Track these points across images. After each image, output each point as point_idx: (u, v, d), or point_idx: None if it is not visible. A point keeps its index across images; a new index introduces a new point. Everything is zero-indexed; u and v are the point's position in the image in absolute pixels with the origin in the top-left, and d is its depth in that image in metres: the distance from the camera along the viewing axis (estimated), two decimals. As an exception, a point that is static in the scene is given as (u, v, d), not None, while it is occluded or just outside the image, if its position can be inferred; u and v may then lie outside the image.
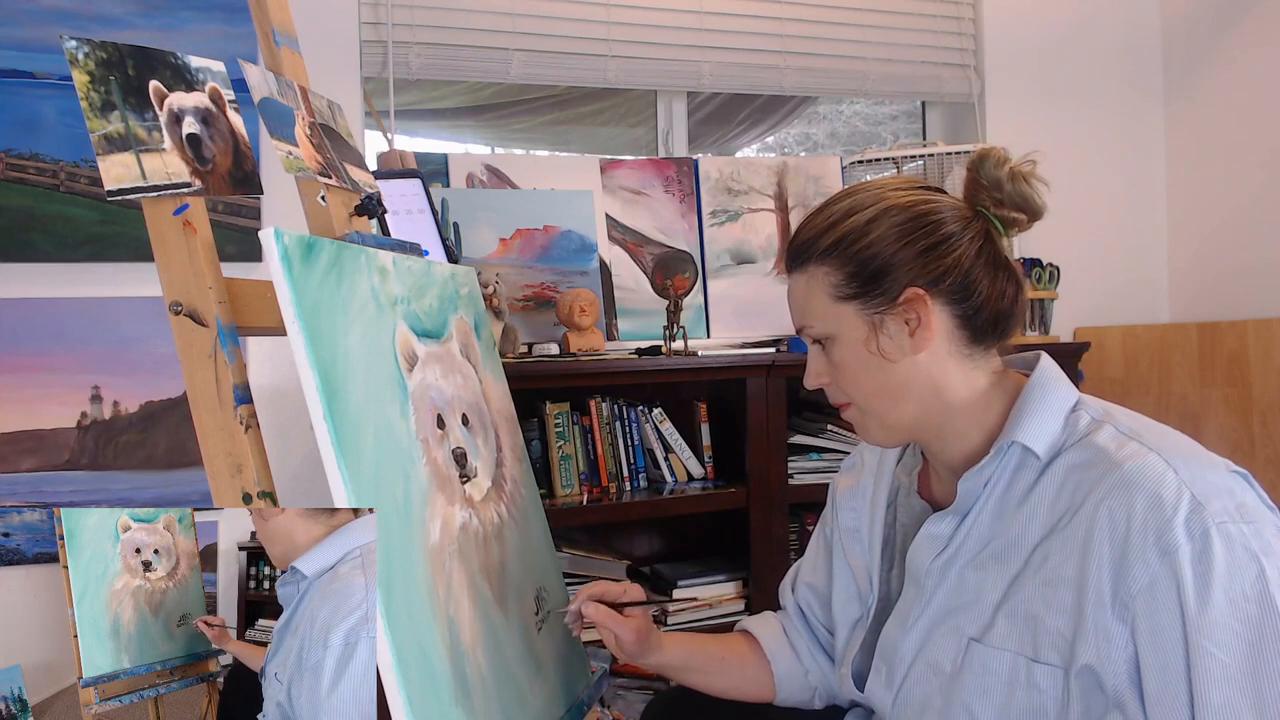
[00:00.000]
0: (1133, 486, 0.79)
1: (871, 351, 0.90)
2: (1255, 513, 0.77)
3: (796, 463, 1.99)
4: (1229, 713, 0.72)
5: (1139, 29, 2.67)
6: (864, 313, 0.90)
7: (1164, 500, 0.77)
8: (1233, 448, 2.27)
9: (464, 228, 1.98)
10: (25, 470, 1.80)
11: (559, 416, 1.90)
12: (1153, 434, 0.84)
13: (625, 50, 2.24)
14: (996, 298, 0.90)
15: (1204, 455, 0.83)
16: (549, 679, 1.11)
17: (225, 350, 0.88)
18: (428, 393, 1.02)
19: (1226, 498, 0.77)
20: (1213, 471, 0.80)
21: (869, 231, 0.90)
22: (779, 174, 2.28)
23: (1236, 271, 2.47)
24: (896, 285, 0.89)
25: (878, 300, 0.89)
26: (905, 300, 0.89)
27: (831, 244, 0.91)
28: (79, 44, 0.88)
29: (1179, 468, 0.79)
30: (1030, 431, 0.87)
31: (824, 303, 0.92)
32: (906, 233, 0.89)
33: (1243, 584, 0.74)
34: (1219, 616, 0.73)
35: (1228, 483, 0.80)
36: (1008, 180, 0.92)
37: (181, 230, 0.89)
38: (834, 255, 0.91)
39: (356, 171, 1.14)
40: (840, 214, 0.92)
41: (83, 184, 1.82)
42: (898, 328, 0.89)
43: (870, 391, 0.92)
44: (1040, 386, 0.90)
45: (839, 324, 0.91)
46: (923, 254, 0.89)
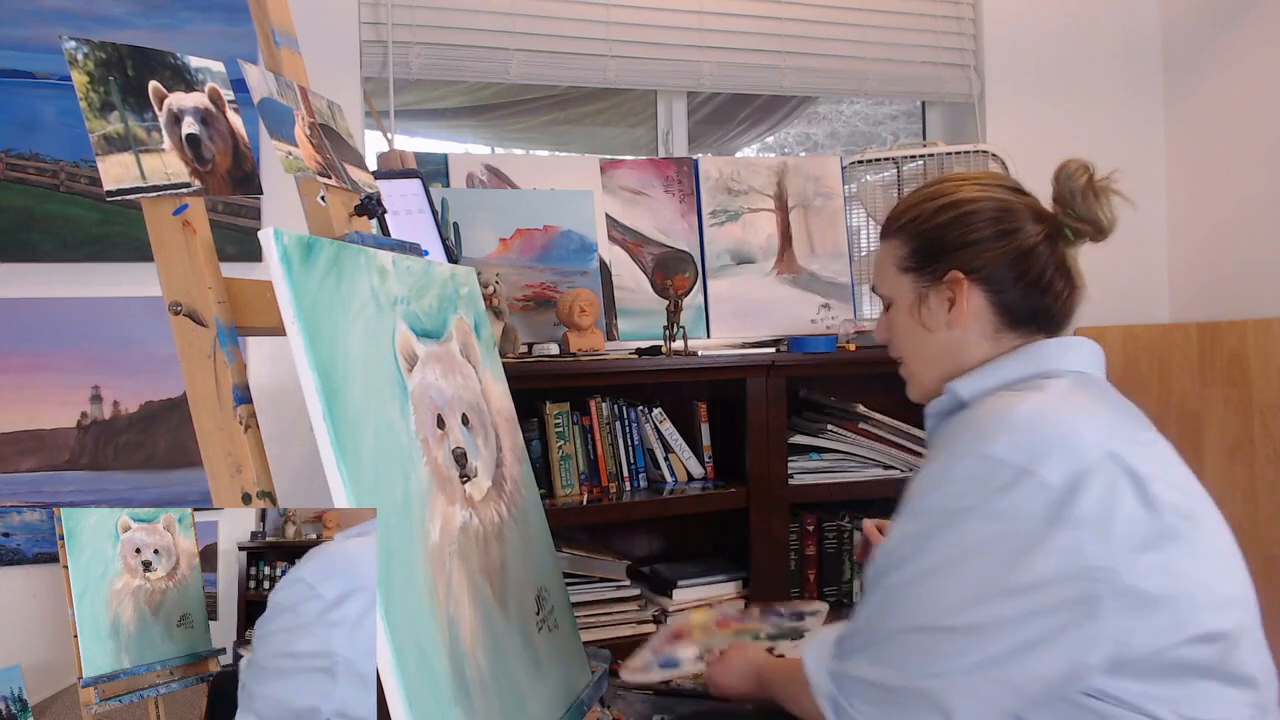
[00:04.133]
0: (968, 419, 0.94)
1: (915, 319, 1.05)
2: (1026, 468, 0.84)
3: (796, 463, 1.99)
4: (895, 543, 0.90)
5: (1139, 29, 2.66)
6: (916, 285, 1.05)
7: (975, 426, 0.90)
8: (1233, 448, 2.27)
9: (464, 228, 1.98)
10: (25, 470, 1.80)
11: (559, 416, 1.90)
12: (1050, 397, 0.91)
13: (625, 50, 2.24)
14: (1040, 294, 1.01)
15: (1069, 422, 0.88)
16: (549, 679, 1.11)
17: (225, 350, 0.88)
18: (428, 393, 1.02)
19: (1023, 448, 0.85)
20: (1051, 429, 0.87)
21: (936, 217, 1.04)
22: (779, 174, 2.28)
23: (1236, 271, 2.47)
24: (944, 266, 1.02)
25: (927, 276, 1.04)
26: (948, 280, 1.02)
27: (908, 222, 1.06)
28: (79, 44, 0.88)
29: (1020, 411, 0.89)
30: (965, 382, 1.00)
31: (890, 271, 1.08)
32: (965, 223, 1.02)
33: (950, 489, 0.87)
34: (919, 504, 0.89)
35: (1050, 441, 0.85)
36: (1080, 193, 1.04)
37: (181, 230, 0.89)
38: (907, 232, 1.06)
39: (356, 171, 1.14)
40: (924, 197, 1.07)
41: (83, 184, 1.82)
42: (938, 302, 1.03)
43: (911, 352, 1.07)
44: (1013, 353, 1.00)
45: (897, 290, 1.07)
46: (975, 244, 1.01)
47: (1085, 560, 0.81)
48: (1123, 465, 0.85)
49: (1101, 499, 0.83)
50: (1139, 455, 0.88)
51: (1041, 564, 0.82)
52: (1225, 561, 0.92)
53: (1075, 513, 0.82)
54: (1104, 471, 0.84)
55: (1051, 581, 0.82)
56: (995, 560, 0.83)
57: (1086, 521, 0.82)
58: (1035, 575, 0.82)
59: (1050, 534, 0.82)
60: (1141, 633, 0.82)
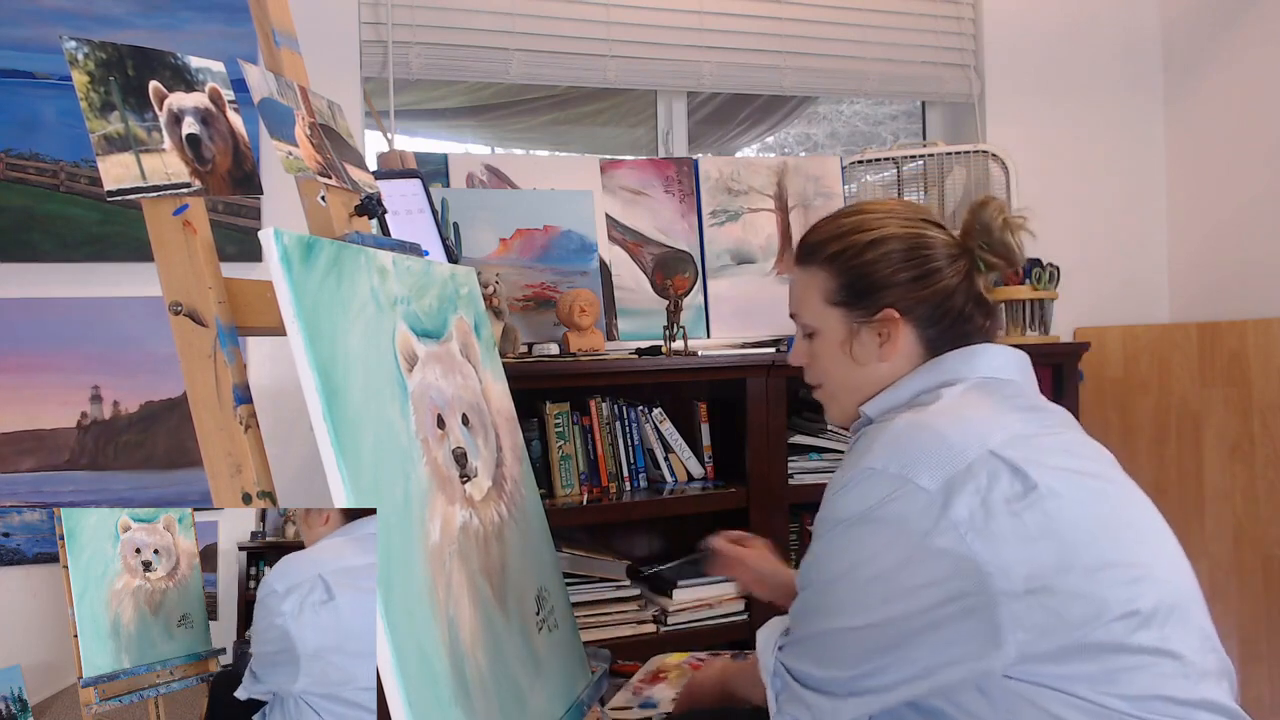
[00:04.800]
0: (862, 438, 0.99)
1: (845, 352, 1.06)
2: (903, 476, 0.89)
3: (796, 463, 1.99)
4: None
5: (1139, 29, 2.66)
6: (846, 319, 1.06)
7: (863, 444, 0.96)
8: (1232, 448, 2.27)
9: (464, 228, 1.98)
10: (25, 470, 1.80)
11: (559, 416, 1.90)
12: (935, 407, 0.96)
13: (625, 50, 2.24)
14: (963, 324, 1.04)
15: (945, 427, 0.92)
16: (549, 679, 1.11)
17: (225, 350, 0.88)
18: (428, 393, 1.02)
19: (898, 458, 0.90)
20: (926, 436, 0.91)
21: (866, 253, 1.04)
22: (779, 174, 2.28)
23: (1236, 271, 2.47)
24: (877, 304, 1.04)
25: (859, 312, 1.05)
26: (882, 318, 1.03)
27: (834, 254, 1.06)
28: (79, 44, 0.88)
29: (898, 424, 0.94)
30: (872, 403, 1.04)
31: (817, 302, 1.07)
32: (897, 261, 1.04)
33: (841, 503, 0.93)
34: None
35: (924, 447, 0.90)
36: (998, 228, 1.05)
37: (181, 230, 0.89)
38: (834, 264, 1.06)
39: (356, 171, 1.14)
40: (849, 229, 1.06)
41: (83, 184, 1.82)
42: (870, 338, 1.04)
43: (838, 382, 1.08)
44: (915, 371, 1.03)
45: (824, 323, 1.07)
46: (906, 283, 1.03)
47: (969, 559, 0.84)
48: (1004, 460, 0.88)
49: (979, 496, 0.86)
50: (1024, 446, 0.90)
51: (929, 566, 0.86)
52: (1132, 533, 0.92)
53: (952, 515, 0.86)
54: (982, 470, 0.87)
55: (941, 581, 0.86)
56: (887, 564, 0.88)
57: (964, 522, 0.85)
58: (925, 576, 0.86)
59: (932, 536, 0.86)
60: (1044, 622, 0.84)
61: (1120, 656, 0.85)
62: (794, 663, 0.97)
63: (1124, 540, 0.91)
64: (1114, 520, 0.91)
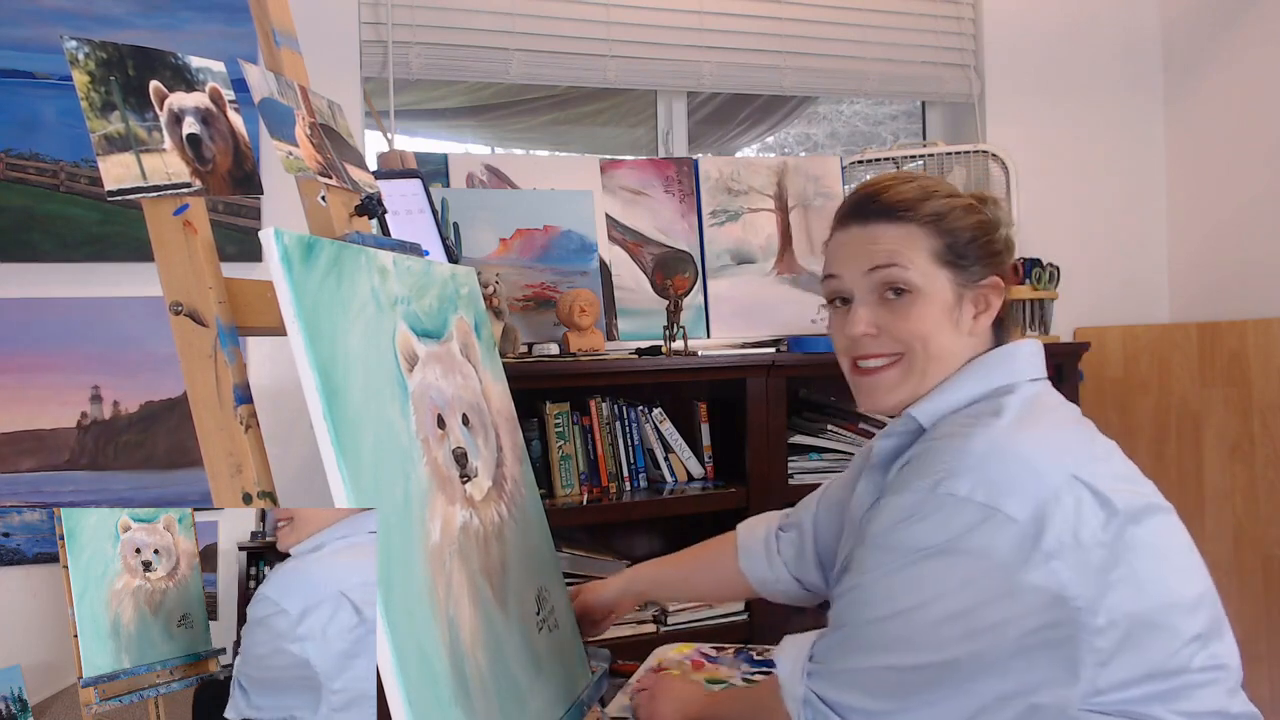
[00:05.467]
0: (928, 451, 0.90)
1: (950, 319, 0.97)
2: (991, 505, 0.83)
3: (796, 463, 1.99)
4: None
5: (1139, 29, 2.66)
6: (954, 282, 0.98)
7: (937, 462, 0.87)
8: (1232, 448, 2.27)
9: (464, 228, 1.98)
10: (25, 470, 1.80)
11: (559, 416, 1.90)
12: (1005, 424, 0.89)
13: (625, 50, 2.24)
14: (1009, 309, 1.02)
15: (1026, 452, 0.86)
16: (549, 679, 1.11)
17: (225, 350, 0.88)
18: (428, 393, 1.02)
19: (985, 484, 0.83)
20: (1010, 462, 0.85)
21: (967, 217, 0.99)
22: (779, 174, 2.28)
23: (1236, 271, 2.47)
24: (985, 270, 0.99)
25: (969, 275, 0.98)
26: (989, 285, 0.99)
27: (934, 214, 0.98)
28: (79, 44, 0.88)
29: (977, 446, 0.87)
30: (924, 407, 0.96)
31: (923, 258, 0.97)
32: (987, 230, 1.00)
33: (919, 528, 0.85)
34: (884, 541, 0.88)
35: (1010, 475, 0.84)
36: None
37: (181, 230, 0.89)
38: (934, 224, 0.98)
39: (357, 171, 1.14)
40: (941, 190, 1.01)
41: (83, 184, 1.82)
42: (968, 307, 0.98)
43: (931, 351, 0.97)
44: (964, 370, 0.97)
45: (931, 282, 0.97)
46: (1001, 253, 1.01)
47: (1058, 593, 0.81)
48: (1086, 485, 0.85)
49: (1068, 525, 0.82)
50: (1096, 469, 0.88)
51: (1015, 601, 0.81)
52: (1187, 558, 0.92)
53: (1044, 545, 0.81)
54: (1068, 495, 0.83)
55: (1026, 616, 0.81)
56: (968, 600, 0.83)
57: (1056, 552, 0.81)
58: (1010, 611, 0.82)
59: (1023, 571, 0.81)
60: (1120, 655, 0.83)
61: (1185, 676, 0.85)
62: (834, 693, 0.90)
63: (1184, 566, 0.90)
64: (1174, 546, 0.91)
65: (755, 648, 1.53)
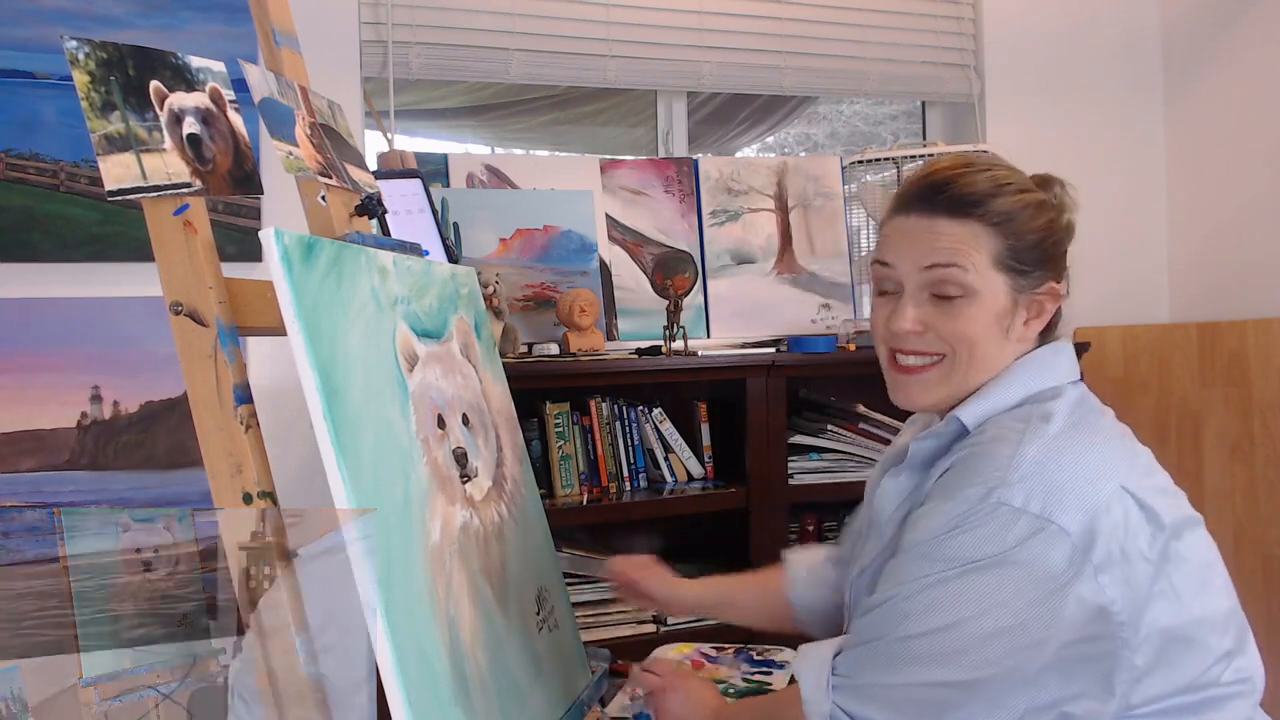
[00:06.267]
0: (976, 456, 0.87)
1: (1001, 326, 0.94)
2: (1044, 516, 0.81)
3: (796, 463, 1.99)
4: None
5: (1139, 29, 2.66)
6: (1011, 288, 0.94)
7: (986, 468, 0.85)
8: (1233, 448, 2.27)
9: (464, 228, 1.98)
10: (25, 470, 1.80)
11: (559, 416, 1.90)
12: (1056, 431, 0.87)
13: (625, 50, 2.24)
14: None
15: (1079, 462, 0.84)
16: (549, 679, 1.11)
17: (225, 350, 0.88)
18: (428, 393, 1.02)
19: (1038, 494, 0.81)
20: (1064, 472, 0.83)
21: (1036, 218, 0.95)
22: (779, 174, 2.28)
23: (1236, 271, 2.47)
24: (1043, 276, 0.95)
25: (1028, 281, 0.95)
26: (1045, 292, 0.95)
27: (1002, 214, 0.93)
28: (79, 44, 0.88)
29: (1030, 454, 0.84)
30: (969, 409, 0.93)
31: (983, 261, 0.93)
32: (1054, 231, 0.96)
33: (968, 538, 0.82)
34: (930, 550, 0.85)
35: (1063, 485, 0.82)
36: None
37: (182, 230, 0.89)
38: (1001, 225, 0.93)
39: (357, 171, 1.14)
40: (1013, 185, 0.95)
41: (83, 184, 1.82)
42: (1021, 313, 0.95)
43: (973, 355, 0.94)
44: (1009, 372, 0.95)
45: (988, 286, 0.93)
46: (1062, 256, 0.97)
47: (1104, 608, 0.80)
48: (1133, 496, 0.84)
49: (1116, 539, 0.81)
50: (1142, 481, 0.87)
51: (1062, 615, 0.80)
52: (1218, 573, 0.92)
53: (1094, 559, 0.80)
54: (1118, 507, 0.83)
55: (1070, 629, 0.81)
56: (1015, 614, 0.81)
57: (1104, 566, 0.80)
58: (1055, 626, 0.80)
59: (1072, 584, 0.80)
60: (1156, 670, 0.83)
61: (1213, 689, 0.85)
62: (861, 708, 0.87)
63: (1217, 582, 0.90)
64: (1208, 561, 0.90)
65: (755, 648, 1.53)
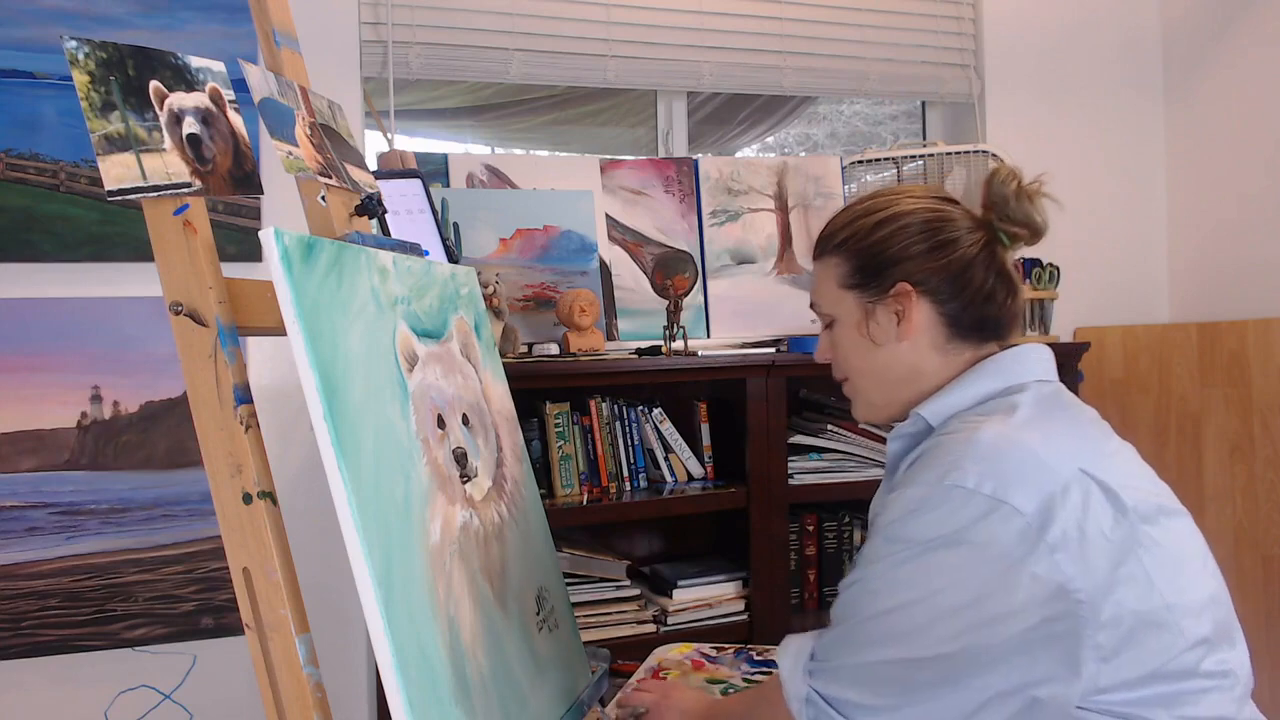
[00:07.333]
0: (938, 446, 0.91)
1: (863, 335, 1.03)
2: (997, 497, 0.83)
3: (796, 463, 1.99)
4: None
5: (1139, 29, 2.66)
6: (861, 301, 1.03)
7: (944, 456, 0.88)
8: (1233, 448, 2.27)
9: (464, 228, 1.98)
10: (25, 470, 1.80)
11: (559, 416, 1.90)
12: (1016, 420, 0.89)
13: (625, 50, 2.24)
14: (984, 302, 1.00)
15: (1036, 445, 0.86)
16: (549, 679, 1.11)
17: (225, 350, 0.88)
18: (428, 393, 1.02)
19: (992, 476, 0.84)
20: (1018, 455, 0.85)
21: (876, 231, 1.02)
22: (779, 174, 2.28)
23: (1236, 271, 2.47)
24: (890, 280, 1.01)
25: (872, 291, 1.02)
26: (895, 293, 1.01)
27: (845, 239, 1.05)
28: (79, 44, 0.88)
29: (985, 438, 0.87)
30: (930, 406, 0.98)
31: (832, 289, 1.06)
32: (908, 236, 1.01)
33: (924, 520, 0.86)
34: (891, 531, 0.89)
35: (1018, 467, 0.84)
36: (1013, 198, 1.02)
37: (181, 230, 0.89)
38: (845, 249, 1.04)
39: (357, 171, 1.14)
40: (858, 214, 1.05)
41: (83, 184, 1.82)
42: (887, 317, 1.02)
43: (859, 369, 1.05)
44: (973, 371, 0.99)
45: (840, 308, 1.05)
46: (920, 255, 1.00)
47: (1062, 586, 0.81)
48: (1095, 479, 0.85)
49: (1074, 519, 0.82)
50: (1108, 466, 0.88)
51: (1017, 592, 0.82)
52: (1198, 563, 0.92)
53: (1049, 538, 0.82)
54: (1076, 489, 0.84)
55: (1029, 608, 0.82)
56: (972, 592, 0.83)
57: (1060, 545, 0.82)
58: (1013, 604, 0.82)
59: (1025, 561, 0.82)
60: (1123, 652, 0.83)
61: (1189, 680, 0.85)
62: (835, 690, 0.91)
63: (1195, 569, 0.90)
64: (1187, 549, 0.91)
65: (755, 648, 1.53)
